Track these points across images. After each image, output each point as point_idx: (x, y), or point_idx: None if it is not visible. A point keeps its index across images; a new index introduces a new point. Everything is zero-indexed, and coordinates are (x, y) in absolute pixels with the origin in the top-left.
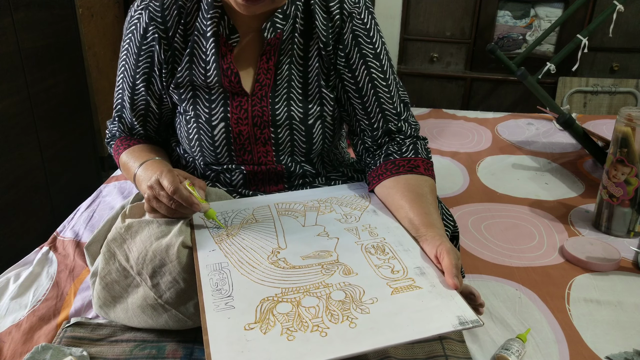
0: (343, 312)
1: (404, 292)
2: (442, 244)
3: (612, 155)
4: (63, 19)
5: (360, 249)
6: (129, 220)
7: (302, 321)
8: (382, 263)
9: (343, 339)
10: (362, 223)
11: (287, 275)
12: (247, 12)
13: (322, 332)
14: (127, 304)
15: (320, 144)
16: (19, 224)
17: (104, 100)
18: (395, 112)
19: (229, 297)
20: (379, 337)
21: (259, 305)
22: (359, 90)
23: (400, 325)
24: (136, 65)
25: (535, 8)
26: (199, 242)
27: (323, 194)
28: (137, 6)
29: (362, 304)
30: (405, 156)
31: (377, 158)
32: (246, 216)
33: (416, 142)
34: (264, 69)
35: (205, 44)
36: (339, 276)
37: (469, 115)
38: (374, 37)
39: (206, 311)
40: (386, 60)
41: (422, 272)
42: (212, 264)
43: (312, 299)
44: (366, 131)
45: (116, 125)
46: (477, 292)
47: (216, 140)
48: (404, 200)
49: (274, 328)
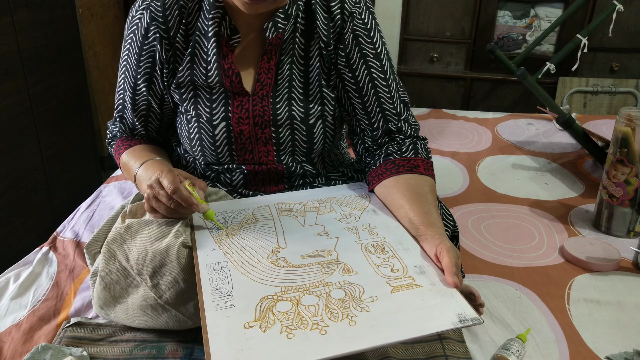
0: (343, 310)
1: (404, 291)
2: (442, 242)
3: (612, 155)
4: (63, 19)
5: (360, 248)
6: (128, 221)
7: (302, 319)
8: (381, 262)
9: (343, 337)
10: (361, 222)
11: (287, 274)
12: (251, 11)
13: (321, 330)
14: (127, 304)
15: (321, 143)
16: (19, 224)
17: (104, 100)
18: (395, 112)
19: (228, 295)
20: (379, 335)
21: (258, 304)
22: (359, 90)
23: (400, 324)
24: (137, 66)
25: (535, 8)
26: (198, 241)
27: (323, 194)
28: (138, 6)
29: (362, 303)
30: (405, 156)
31: (377, 158)
32: (246, 216)
33: (416, 142)
34: (265, 68)
35: (207, 44)
36: (339, 275)
37: (469, 116)
38: (374, 37)
39: (206, 310)
40: (386, 60)
41: (421, 270)
42: (211, 263)
43: (312, 298)
44: (366, 131)
45: (117, 126)
46: (477, 292)
47: (217, 140)
48: (403, 199)
49: (274, 326)
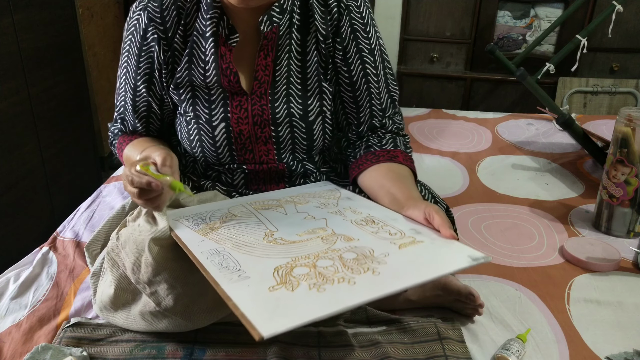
0: (361, 266)
1: (410, 247)
2: (428, 206)
3: (612, 155)
4: (63, 19)
5: (351, 223)
6: (121, 232)
7: (325, 277)
8: (377, 230)
9: (372, 283)
10: (341, 207)
11: (290, 249)
12: (243, 4)
13: (349, 281)
14: (129, 311)
15: (321, 140)
16: (19, 224)
17: (104, 100)
18: (380, 107)
19: (239, 270)
20: (405, 278)
21: (274, 272)
22: (352, 85)
23: (420, 268)
24: (137, 67)
25: (535, 8)
26: (183, 238)
27: (292, 192)
28: (135, 7)
29: (376, 259)
30: (385, 148)
31: (358, 149)
32: (223, 214)
33: (396, 137)
34: (262, 65)
35: (205, 44)
36: (342, 242)
37: (469, 116)
38: (370, 31)
39: (221, 284)
40: (379, 55)
41: (417, 232)
42: (206, 250)
43: (326, 261)
44: (352, 126)
45: (118, 127)
46: (476, 293)
47: (217, 140)
48: (385, 179)
49: (300, 286)
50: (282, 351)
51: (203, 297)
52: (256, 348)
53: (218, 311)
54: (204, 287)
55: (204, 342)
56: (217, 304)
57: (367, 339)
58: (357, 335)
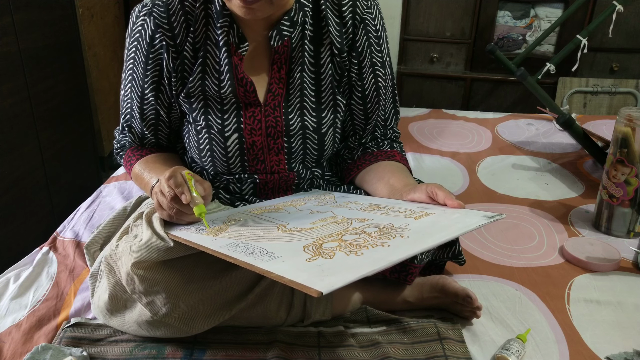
0: (388, 234)
1: (425, 217)
2: (429, 185)
3: (612, 155)
4: (63, 19)
5: (358, 210)
6: (120, 241)
7: (357, 246)
8: (386, 211)
9: (406, 244)
10: (341, 202)
11: (310, 233)
12: (249, 15)
13: (383, 244)
14: (124, 318)
15: (331, 149)
16: (19, 224)
17: (104, 100)
18: (384, 118)
19: (267, 254)
20: (436, 236)
21: (304, 249)
22: (364, 97)
23: (444, 229)
24: (144, 75)
25: (535, 8)
26: (193, 239)
27: (287, 199)
28: (139, 11)
29: (399, 229)
30: (382, 149)
31: (355, 151)
32: (225, 220)
33: (392, 143)
34: (275, 78)
35: (219, 54)
36: (359, 222)
37: (469, 116)
38: (382, 44)
39: (254, 263)
40: (389, 67)
41: (426, 207)
42: (224, 245)
43: (352, 236)
44: (356, 135)
45: (126, 135)
46: (474, 295)
47: (229, 151)
48: (384, 172)
49: (337, 254)
50: (282, 351)
51: (201, 305)
52: (256, 348)
53: (216, 317)
54: (202, 294)
55: (204, 343)
56: (216, 310)
57: (367, 339)
58: (357, 335)
